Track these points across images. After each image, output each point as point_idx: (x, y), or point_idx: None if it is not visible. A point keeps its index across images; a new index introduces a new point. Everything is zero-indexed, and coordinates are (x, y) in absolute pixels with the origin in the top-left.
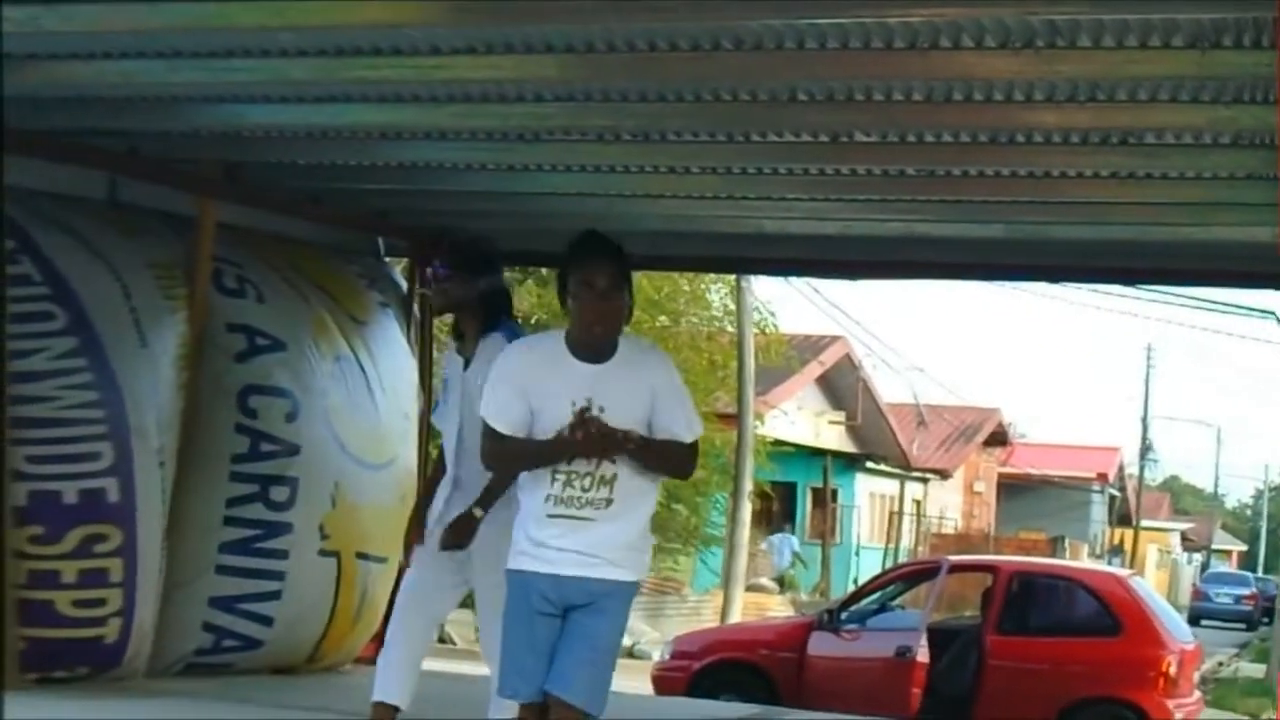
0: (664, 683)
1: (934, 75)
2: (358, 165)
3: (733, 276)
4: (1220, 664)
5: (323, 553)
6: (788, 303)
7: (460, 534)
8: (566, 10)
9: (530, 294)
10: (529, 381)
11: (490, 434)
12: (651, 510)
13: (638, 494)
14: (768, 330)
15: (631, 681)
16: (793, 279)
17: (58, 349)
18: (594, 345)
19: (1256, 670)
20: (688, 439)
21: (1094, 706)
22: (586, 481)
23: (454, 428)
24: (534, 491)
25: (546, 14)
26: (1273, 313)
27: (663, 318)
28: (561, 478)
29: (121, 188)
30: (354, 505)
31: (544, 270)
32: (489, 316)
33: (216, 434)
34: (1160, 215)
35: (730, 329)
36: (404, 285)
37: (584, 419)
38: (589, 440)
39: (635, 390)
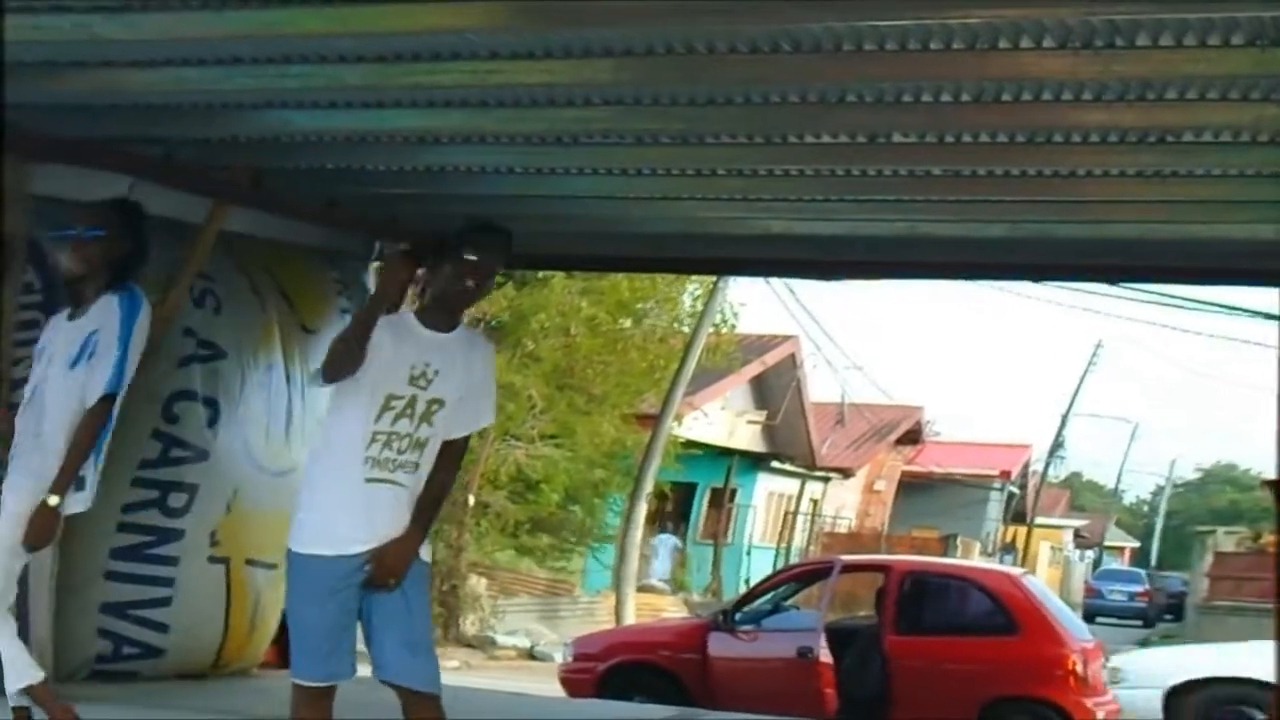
0: (572, 685)
1: (987, 75)
2: (386, 170)
3: (710, 278)
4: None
5: (212, 559)
6: (754, 303)
7: (42, 534)
8: (631, 13)
9: (505, 296)
10: (383, 341)
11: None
12: None
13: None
14: (723, 331)
15: (537, 683)
16: (774, 280)
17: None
18: (448, 321)
19: None
20: (460, 434)
21: (1011, 704)
22: (404, 444)
23: (31, 389)
24: (344, 455)
25: (611, 17)
26: (1228, 307)
27: (627, 320)
28: (377, 439)
29: (135, 195)
30: (249, 512)
31: (523, 274)
32: (115, 278)
33: (132, 439)
34: (1179, 213)
35: (686, 330)
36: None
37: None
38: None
39: (459, 365)
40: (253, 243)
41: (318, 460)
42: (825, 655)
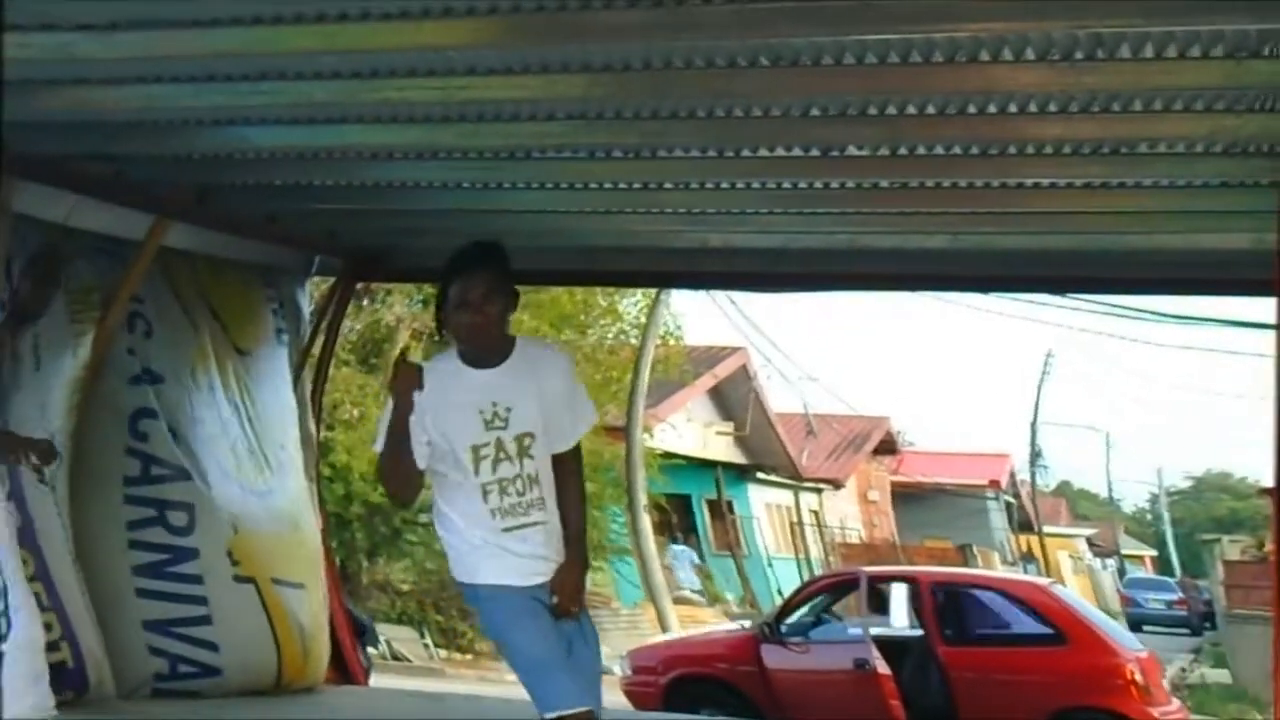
0: (637, 697)
1: (959, 90)
2: (333, 185)
3: (652, 290)
4: (1183, 670)
5: (238, 579)
6: (696, 314)
7: None
8: (611, 28)
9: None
10: (428, 405)
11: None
12: None
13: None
14: (670, 343)
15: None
16: (714, 292)
17: None
18: (482, 351)
19: (1222, 675)
20: (564, 448)
21: (1074, 714)
22: (519, 485)
23: None
24: (469, 511)
25: (592, 33)
26: (1176, 316)
27: (568, 332)
28: (493, 489)
29: (76, 212)
30: (254, 532)
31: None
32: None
33: (108, 456)
34: (1121, 224)
35: (634, 342)
36: (305, 308)
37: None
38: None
39: (529, 392)
40: (187, 262)
41: (450, 528)
42: (882, 666)
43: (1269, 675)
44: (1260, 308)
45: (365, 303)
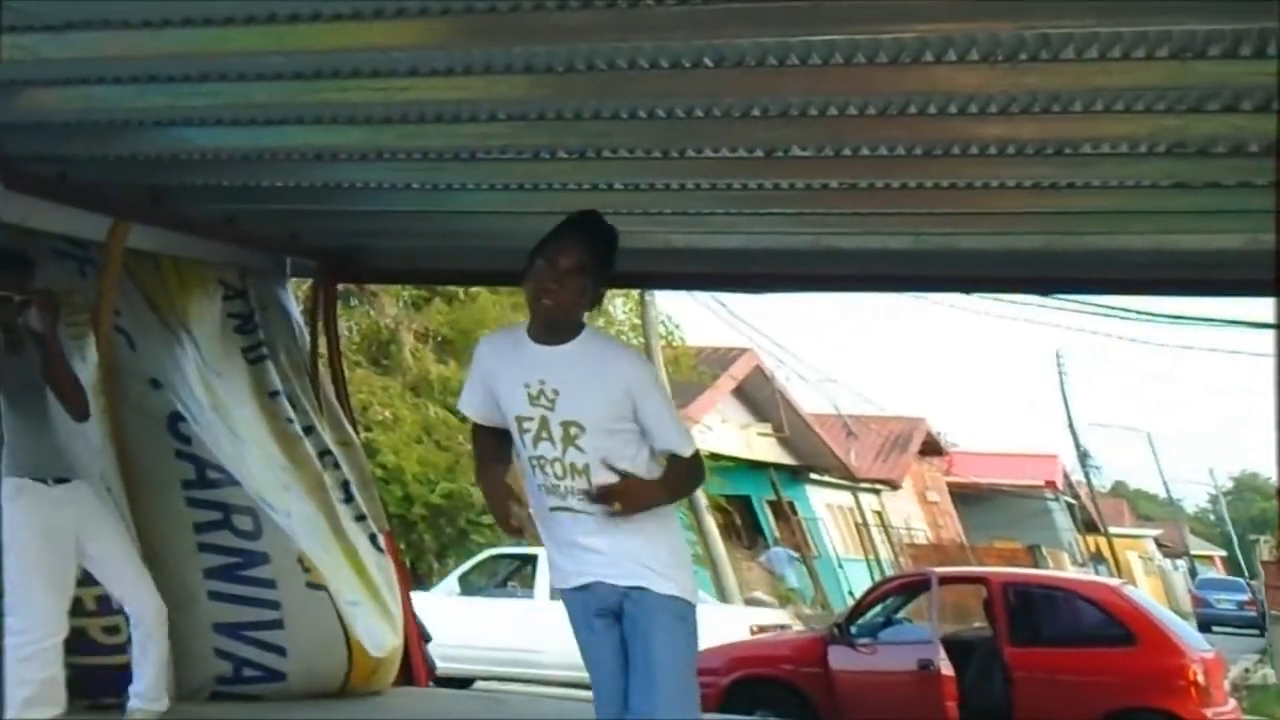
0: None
1: (899, 90)
2: (282, 187)
3: (636, 291)
4: (1247, 670)
5: (310, 585)
6: (689, 316)
7: None
8: (553, 29)
9: (440, 313)
10: (488, 366)
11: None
12: (663, 520)
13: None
14: (675, 343)
15: None
16: (697, 293)
17: None
18: (546, 325)
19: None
20: (687, 453)
21: (1131, 715)
22: (557, 469)
23: None
24: (529, 483)
25: (534, 34)
26: (1169, 316)
27: None
28: (536, 465)
29: (33, 214)
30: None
31: (459, 290)
32: None
33: (159, 460)
34: (1070, 224)
35: (637, 342)
36: (295, 311)
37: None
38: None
39: (586, 383)
40: (151, 264)
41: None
42: (946, 667)
43: None
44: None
45: (354, 303)
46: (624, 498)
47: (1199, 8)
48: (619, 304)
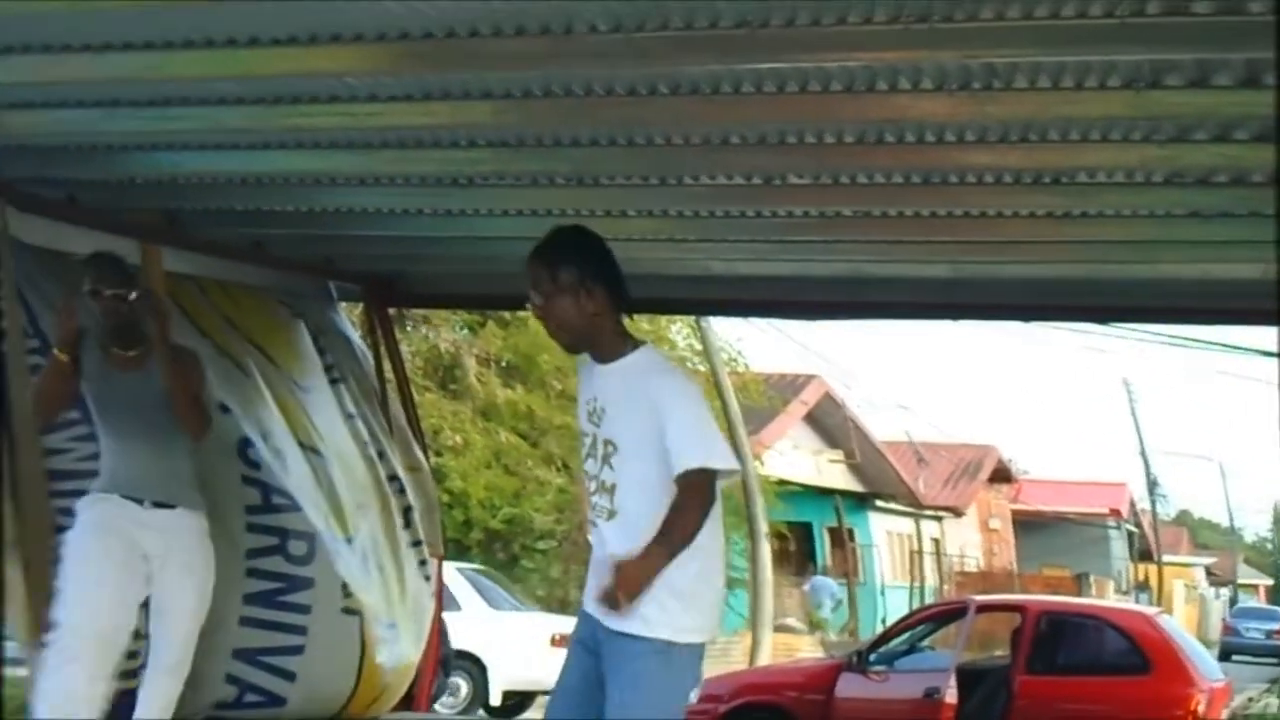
0: None
1: (866, 118)
2: (295, 211)
3: (690, 317)
4: (1250, 699)
5: (346, 610)
6: (752, 342)
7: None
8: (505, 56)
9: (496, 337)
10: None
11: None
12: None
13: (646, 518)
14: (740, 370)
15: None
16: (758, 320)
17: None
18: (570, 348)
19: None
20: (693, 464)
21: None
22: (593, 485)
23: None
24: None
25: (485, 61)
26: (1230, 345)
27: None
28: (585, 477)
29: (57, 237)
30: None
31: (505, 314)
32: None
33: (227, 487)
34: (1107, 254)
35: (701, 369)
36: (354, 335)
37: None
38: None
39: (625, 401)
40: (201, 296)
41: None
42: (951, 696)
43: None
44: None
45: (409, 327)
46: (623, 587)
47: (1137, 38)
48: (677, 330)
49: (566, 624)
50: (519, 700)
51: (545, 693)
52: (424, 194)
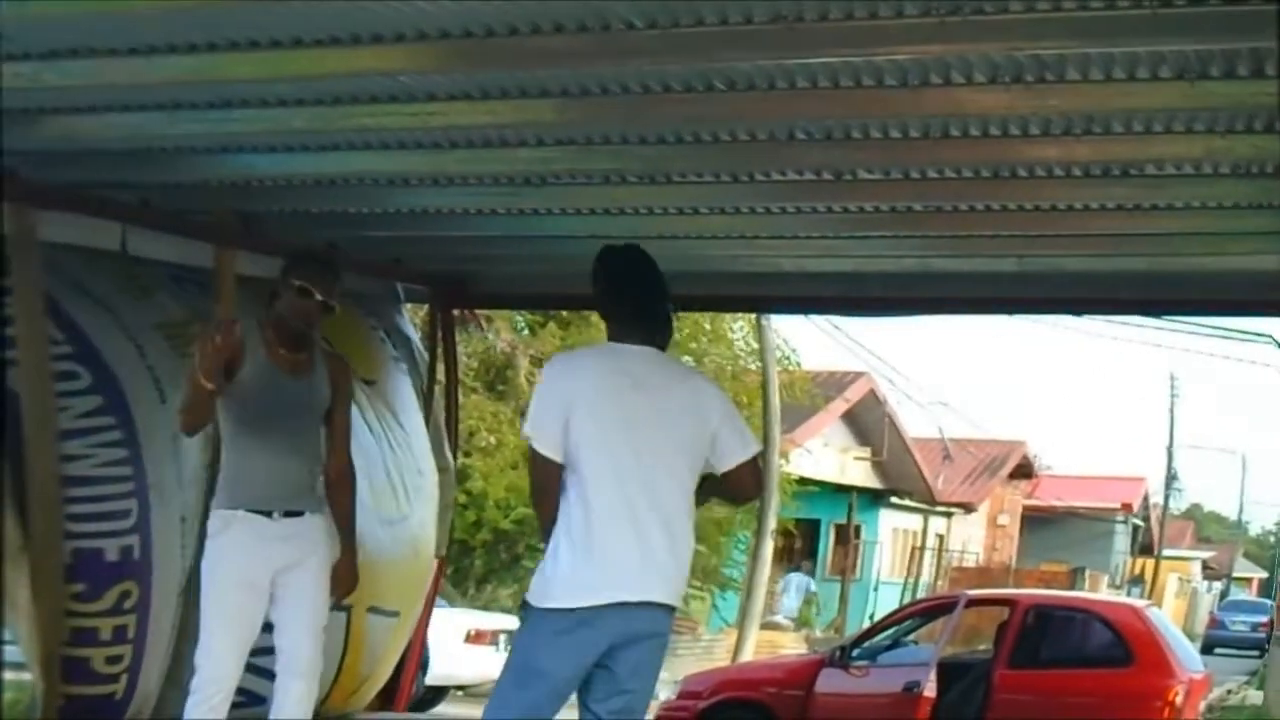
0: None
1: (927, 112)
2: (369, 213)
3: (753, 315)
4: (1229, 691)
5: (336, 607)
6: (807, 339)
7: None
8: (558, 55)
9: (553, 336)
10: None
11: None
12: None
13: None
14: (791, 368)
15: None
16: (813, 316)
17: (81, 407)
18: None
19: (1262, 697)
20: None
21: None
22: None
23: None
24: None
25: (533, 58)
26: (1271, 336)
27: (686, 358)
28: None
29: (132, 240)
30: (371, 560)
31: (563, 313)
32: None
33: None
34: (1171, 246)
35: (754, 368)
36: (414, 335)
37: None
38: None
39: None
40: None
41: None
42: (930, 690)
43: None
44: None
45: (471, 329)
46: None
47: (1183, 28)
48: (737, 329)
49: (484, 620)
50: (432, 695)
51: (460, 688)
52: (496, 193)
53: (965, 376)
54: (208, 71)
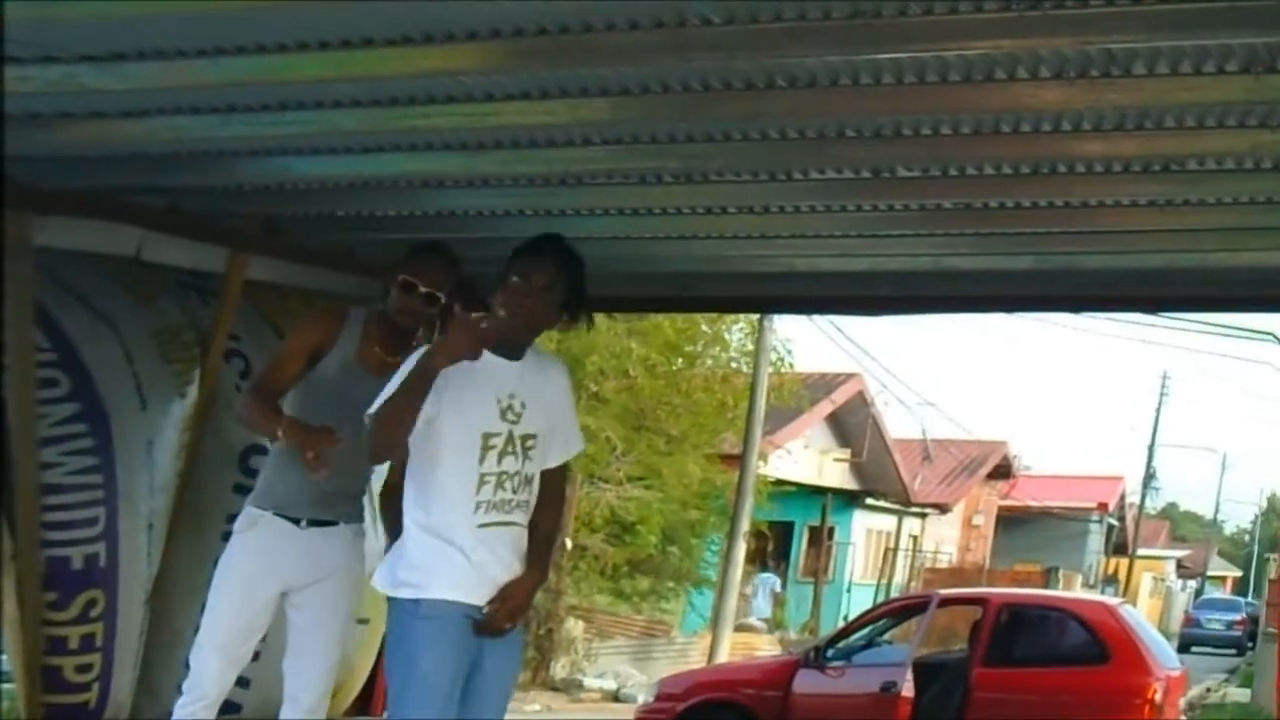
0: None
1: (983, 108)
2: (395, 215)
3: (755, 316)
4: (1209, 689)
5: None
6: (804, 340)
7: None
8: (623, 51)
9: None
10: (452, 379)
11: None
12: None
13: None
14: (783, 371)
15: None
16: (816, 316)
17: (57, 415)
18: (511, 344)
19: (1244, 695)
20: (555, 463)
21: None
22: (516, 482)
23: None
24: (449, 498)
25: (603, 56)
26: (1272, 334)
27: (680, 360)
28: (493, 480)
29: (148, 246)
30: None
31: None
32: None
33: (215, 494)
34: (1189, 242)
35: (745, 370)
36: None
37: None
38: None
39: (540, 395)
40: (275, 293)
41: (419, 511)
42: (908, 689)
43: None
44: None
45: None
46: (517, 613)
47: (1253, 20)
48: (736, 330)
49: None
50: None
51: None
52: (529, 194)
53: (953, 376)
54: (268, 73)
